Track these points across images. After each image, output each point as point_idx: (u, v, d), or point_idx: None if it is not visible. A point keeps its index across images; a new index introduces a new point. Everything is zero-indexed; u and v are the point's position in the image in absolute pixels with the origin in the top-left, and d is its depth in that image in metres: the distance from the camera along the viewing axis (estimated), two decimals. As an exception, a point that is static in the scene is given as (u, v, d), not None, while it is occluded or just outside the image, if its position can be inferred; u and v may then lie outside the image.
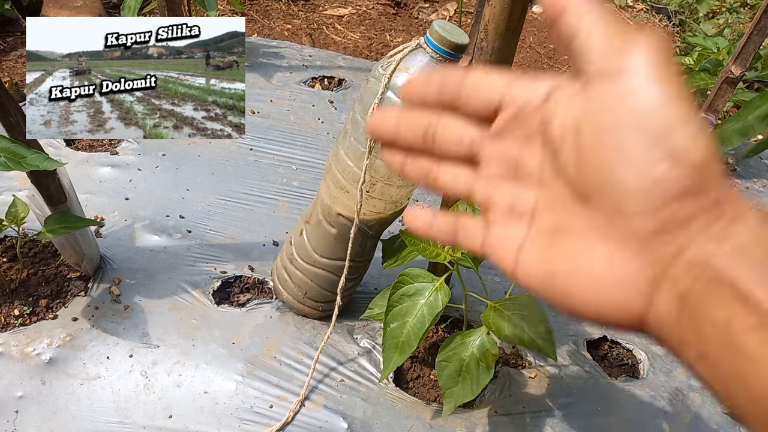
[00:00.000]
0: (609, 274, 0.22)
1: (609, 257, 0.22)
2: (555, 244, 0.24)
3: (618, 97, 0.21)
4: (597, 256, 0.22)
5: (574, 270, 0.23)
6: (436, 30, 0.67)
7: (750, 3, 2.41)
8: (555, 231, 0.25)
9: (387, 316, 0.77)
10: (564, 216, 0.24)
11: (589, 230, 0.23)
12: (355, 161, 0.76)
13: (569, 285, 0.23)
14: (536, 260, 0.25)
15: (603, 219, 0.22)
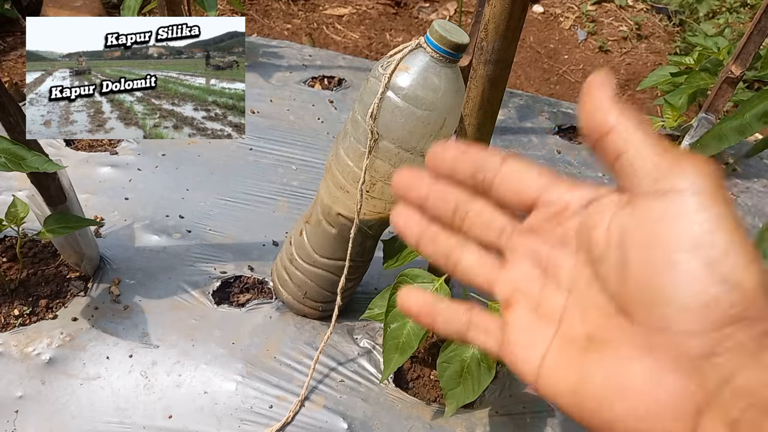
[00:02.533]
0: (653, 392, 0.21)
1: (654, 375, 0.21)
2: (588, 354, 0.23)
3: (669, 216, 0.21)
4: (639, 372, 0.21)
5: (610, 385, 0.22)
6: (436, 30, 0.66)
7: (750, 3, 2.41)
8: (588, 340, 0.23)
9: (387, 316, 0.77)
10: (599, 326, 0.23)
11: (630, 344, 0.22)
12: (355, 161, 0.76)
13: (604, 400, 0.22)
14: (563, 370, 0.24)
15: (647, 335, 0.21)
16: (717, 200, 0.21)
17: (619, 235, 0.23)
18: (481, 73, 0.72)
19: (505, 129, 1.59)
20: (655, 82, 1.58)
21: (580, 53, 2.23)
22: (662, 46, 2.30)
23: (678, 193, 0.21)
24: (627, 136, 0.23)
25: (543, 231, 0.26)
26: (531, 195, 0.26)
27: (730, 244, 0.20)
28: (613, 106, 0.23)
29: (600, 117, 0.23)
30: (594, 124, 0.23)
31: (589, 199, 0.25)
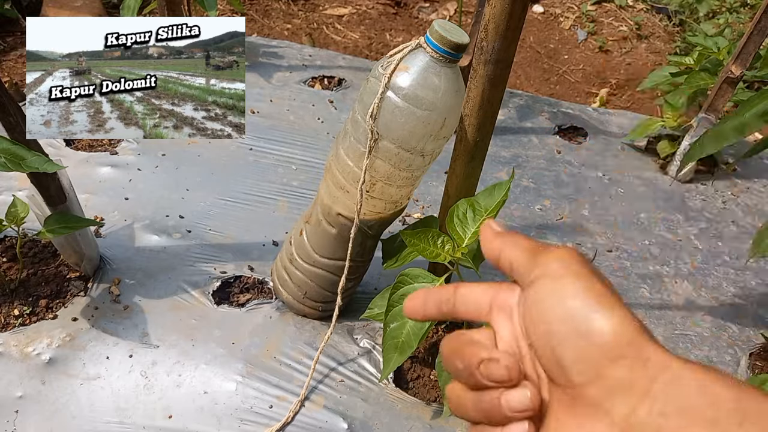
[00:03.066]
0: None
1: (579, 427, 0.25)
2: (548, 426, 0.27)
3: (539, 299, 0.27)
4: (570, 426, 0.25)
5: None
6: (436, 30, 0.66)
7: (750, 3, 2.41)
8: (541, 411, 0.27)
9: (387, 316, 0.77)
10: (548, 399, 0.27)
11: (559, 405, 0.26)
12: (355, 161, 0.76)
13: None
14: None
15: (564, 393, 0.26)
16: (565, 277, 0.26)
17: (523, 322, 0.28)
18: (481, 73, 0.72)
19: (505, 129, 1.59)
20: (655, 82, 1.58)
21: (580, 53, 2.23)
22: (662, 46, 2.30)
23: (538, 279, 0.27)
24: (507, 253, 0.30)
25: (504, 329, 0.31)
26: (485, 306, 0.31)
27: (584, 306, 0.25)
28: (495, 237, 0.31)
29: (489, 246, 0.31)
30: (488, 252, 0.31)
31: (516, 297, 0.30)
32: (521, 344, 0.29)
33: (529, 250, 0.29)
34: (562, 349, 0.25)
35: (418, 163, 0.76)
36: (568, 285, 0.26)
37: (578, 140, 1.62)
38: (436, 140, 0.73)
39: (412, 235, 0.78)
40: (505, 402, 0.26)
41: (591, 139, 1.62)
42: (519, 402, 0.26)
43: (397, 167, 0.75)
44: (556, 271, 0.27)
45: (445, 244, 0.77)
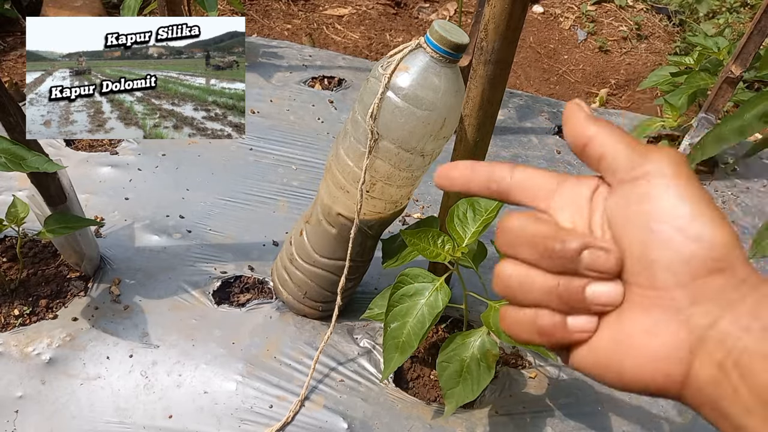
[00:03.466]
0: (652, 344, 0.24)
1: (649, 328, 0.24)
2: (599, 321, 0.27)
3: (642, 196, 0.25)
4: (638, 328, 0.25)
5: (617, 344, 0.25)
6: (436, 30, 0.66)
7: (750, 3, 2.41)
8: None
9: (387, 316, 0.77)
10: None
11: (629, 306, 0.25)
12: (355, 161, 0.76)
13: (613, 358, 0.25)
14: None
15: (642, 296, 0.25)
16: (680, 178, 0.25)
17: (608, 218, 0.27)
18: (481, 73, 0.72)
19: (505, 129, 1.59)
20: (654, 82, 1.58)
21: (580, 53, 2.23)
22: (662, 46, 2.30)
23: (646, 176, 0.26)
24: (603, 142, 0.28)
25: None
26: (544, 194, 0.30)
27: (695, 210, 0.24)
28: (589, 121, 0.28)
29: (581, 131, 0.28)
30: (577, 137, 0.29)
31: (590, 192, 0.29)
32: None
33: (631, 145, 0.27)
34: (660, 250, 0.24)
35: (418, 163, 0.76)
36: (681, 186, 0.25)
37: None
38: (436, 140, 0.73)
39: (413, 235, 0.78)
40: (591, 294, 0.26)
41: (591, 139, 1.62)
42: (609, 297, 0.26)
43: (397, 167, 0.75)
44: (669, 170, 0.25)
45: (445, 244, 0.77)
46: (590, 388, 0.94)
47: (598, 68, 2.17)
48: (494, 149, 1.49)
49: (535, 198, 0.30)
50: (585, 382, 0.95)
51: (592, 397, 0.93)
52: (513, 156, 1.50)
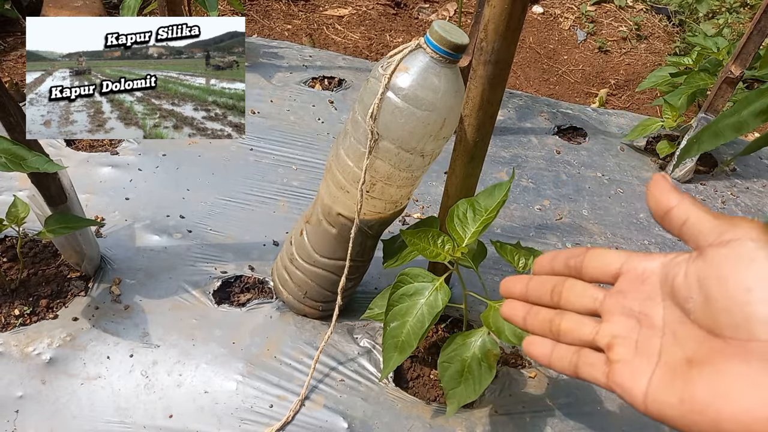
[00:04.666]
0: (752, 392, 0.26)
1: (751, 377, 0.26)
2: (690, 372, 0.29)
3: (735, 258, 0.28)
4: (737, 377, 0.27)
5: (715, 391, 0.27)
6: (436, 30, 0.67)
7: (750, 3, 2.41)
8: (688, 363, 0.29)
9: (387, 315, 0.77)
10: (697, 351, 0.29)
11: (726, 358, 0.28)
12: (355, 161, 0.76)
13: (710, 405, 0.27)
14: (669, 389, 0.30)
15: (738, 347, 0.27)
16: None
17: (697, 279, 0.30)
18: (480, 73, 0.72)
19: (505, 129, 1.59)
20: (654, 82, 1.58)
21: (579, 54, 2.23)
22: (662, 47, 2.31)
23: (737, 241, 0.28)
24: (687, 209, 0.31)
25: (630, 291, 0.34)
26: (614, 267, 0.35)
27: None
28: (672, 191, 0.32)
29: (666, 198, 0.33)
30: (660, 204, 0.33)
31: (665, 261, 0.32)
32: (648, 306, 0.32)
33: (713, 213, 0.31)
34: (758, 306, 0.26)
35: (418, 164, 0.76)
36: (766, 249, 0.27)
37: (578, 140, 1.63)
38: (436, 140, 0.73)
39: (413, 235, 0.78)
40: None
41: (590, 140, 1.62)
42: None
43: (397, 167, 0.75)
44: (757, 235, 0.28)
45: (445, 244, 0.77)
46: (590, 388, 0.95)
47: (597, 68, 2.17)
48: (494, 149, 1.50)
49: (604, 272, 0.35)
50: (584, 381, 0.95)
51: (591, 397, 0.93)
52: (513, 156, 1.50)
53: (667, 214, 0.32)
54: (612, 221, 1.34)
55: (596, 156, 1.56)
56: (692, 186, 1.51)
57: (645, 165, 1.56)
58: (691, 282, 0.30)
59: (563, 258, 0.38)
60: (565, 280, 0.38)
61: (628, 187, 1.47)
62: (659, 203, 0.33)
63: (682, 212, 0.32)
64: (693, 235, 0.31)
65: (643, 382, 0.31)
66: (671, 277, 0.31)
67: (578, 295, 0.37)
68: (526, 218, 1.31)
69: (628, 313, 0.33)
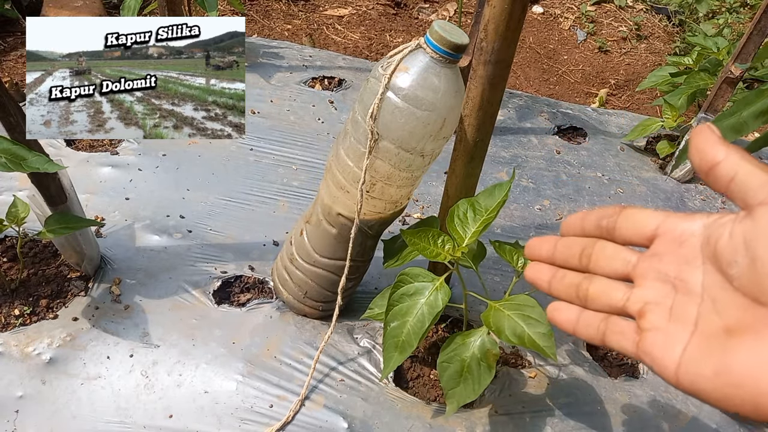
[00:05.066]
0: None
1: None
2: (729, 342, 0.27)
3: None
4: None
5: (755, 362, 0.25)
6: (436, 30, 0.67)
7: (750, 3, 2.41)
8: (727, 332, 0.27)
9: (387, 315, 0.77)
10: (738, 318, 0.27)
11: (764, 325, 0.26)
12: (356, 161, 0.76)
13: (749, 377, 0.25)
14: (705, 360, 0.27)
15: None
16: None
17: (744, 240, 0.27)
18: (480, 73, 0.72)
19: (505, 129, 1.59)
20: (654, 82, 1.58)
21: (579, 54, 2.23)
22: (662, 47, 2.31)
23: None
24: (735, 164, 0.28)
25: (667, 255, 0.31)
26: (650, 228, 0.32)
27: None
28: (720, 142, 0.29)
29: (711, 152, 0.29)
30: (705, 157, 0.29)
31: (705, 221, 0.30)
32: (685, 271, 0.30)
33: (765, 169, 0.27)
34: None
35: (418, 164, 0.76)
36: None
37: (578, 140, 1.63)
38: (436, 140, 0.73)
39: (413, 234, 0.78)
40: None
41: (590, 140, 1.62)
42: None
43: (397, 167, 0.75)
44: None
45: (445, 244, 0.77)
46: (590, 387, 0.95)
47: (597, 68, 2.17)
48: (494, 149, 1.50)
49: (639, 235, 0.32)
50: (585, 381, 0.95)
51: (591, 396, 0.93)
52: (513, 156, 1.50)
53: (713, 170, 0.29)
54: (612, 221, 1.34)
55: (596, 156, 1.56)
56: (692, 186, 1.51)
57: (645, 165, 1.56)
58: (737, 244, 0.27)
59: (595, 218, 0.34)
60: (596, 242, 0.35)
61: (628, 187, 1.47)
62: (704, 157, 0.29)
63: (729, 167, 0.28)
64: (741, 192, 0.28)
65: (676, 352, 0.29)
66: (714, 239, 0.28)
67: (609, 258, 0.34)
68: (526, 218, 1.31)
69: (664, 278, 0.31)
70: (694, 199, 1.46)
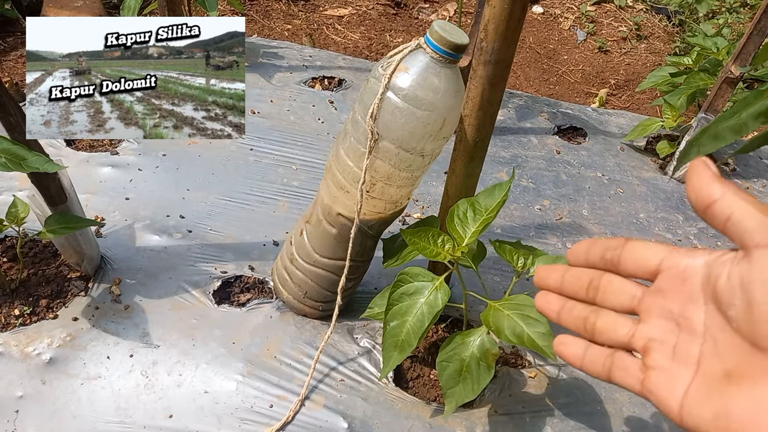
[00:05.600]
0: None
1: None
2: (729, 387, 0.27)
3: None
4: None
5: (755, 409, 0.25)
6: (436, 30, 0.67)
7: (750, 3, 2.41)
8: (727, 376, 0.27)
9: (387, 314, 0.77)
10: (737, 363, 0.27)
11: (766, 374, 0.26)
12: (355, 161, 0.76)
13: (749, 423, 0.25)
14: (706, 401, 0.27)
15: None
16: None
17: (741, 283, 0.27)
18: (480, 73, 0.72)
19: (505, 129, 1.59)
20: (654, 82, 1.58)
21: (579, 54, 2.23)
22: (662, 47, 2.31)
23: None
24: (731, 203, 0.28)
25: (670, 291, 0.31)
26: (654, 263, 0.32)
27: None
28: (715, 180, 0.29)
29: (706, 190, 0.29)
30: (702, 196, 0.29)
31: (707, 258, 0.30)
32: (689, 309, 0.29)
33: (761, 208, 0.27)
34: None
35: (418, 164, 0.76)
36: None
37: (578, 140, 1.63)
38: (436, 140, 0.73)
39: (413, 234, 0.78)
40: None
41: (590, 140, 1.62)
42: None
43: (397, 167, 0.75)
44: None
45: (445, 243, 0.78)
46: (590, 388, 0.95)
47: (597, 68, 2.17)
48: (494, 149, 1.50)
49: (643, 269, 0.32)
50: (585, 381, 0.95)
51: (591, 396, 0.93)
52: (513, 156, 1.50)
53: (709, 209, 0.29)
54: (612, 221, 1.34)
55: (596, 156, 1.56)
56: (692, 186, 1.51)
57: (645, 165, 1.56)
58: (735, 285, 0.27)
59: (600, 249, 0.35)
60: (603, 274, 0.35)
61: (628, 187, 1.47)
62: (700, 196, 0.29)
63: (725, 206, 0.28)
64: (738, 233, 0.27)
65: (679, 392, 0.29)
66: (714, 278, 0.28)
67: (615, 292, 0.34)
68: (526, 218, 1.31)
69: (668, 315, 0.31)
70: (694, 199, 1.46)
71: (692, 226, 1.37)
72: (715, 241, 1.33)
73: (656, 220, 1.37)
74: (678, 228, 1.36)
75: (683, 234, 1.34)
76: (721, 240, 1.34)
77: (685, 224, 1.37)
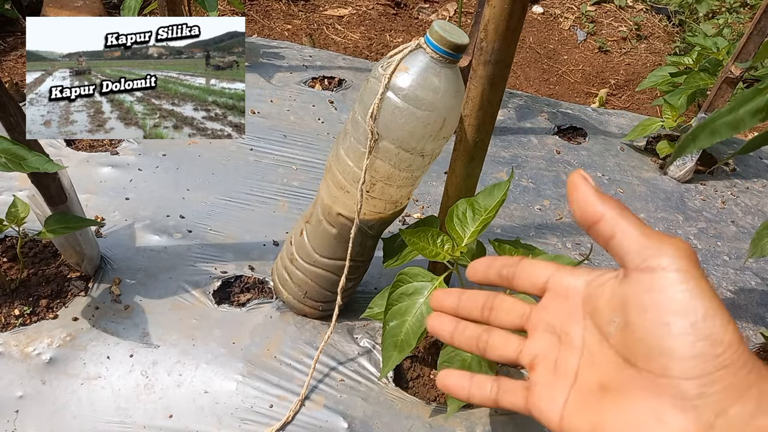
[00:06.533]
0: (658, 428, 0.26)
1: (658, 413, 0.26)
2: (602, 400, 0.28)
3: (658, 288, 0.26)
4: (646, 412, 0.26)
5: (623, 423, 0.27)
6: (436, 30, 0.67)
7: (750, 3, 2.41)
8: (601, 389, 0.28)
9: (386, 314, 0.77)
10: (610, 377, 0.28)
11: (637, 389, 0.27)
12: (355, 161, 0.76)
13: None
14: (582, 415, 0.29)
15: (650, 381, 0.26)
16: (694, 275, 0.26)
17: (621, 303, 0.28)
18: (480, 73, 0.72)
19: (505, 129, 1.59)
20: (654, 82, 1.58)
21: (579, 54, 2.23)
22: (662, 47, 2.31)
23: (662, 269, 0.27)
24: (613, 223, 0.29)
25: (553, 307, 0.32)
26: (542, 280, 0.33)
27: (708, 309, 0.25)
28: (597, 199, 0.29)
29: (590, 209, 0.29)
30: (585, 214, 0.30)
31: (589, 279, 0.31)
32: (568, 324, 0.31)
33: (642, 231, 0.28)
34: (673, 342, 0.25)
35: (418, 164, 0.76)
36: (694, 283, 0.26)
37: (578, 140, 1.63)
38: (436, 141, 0.73)
39: (412, 234, 0.78)
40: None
41: (590, 140, 1.62)
42: None
43: (397, 167, 0.75)
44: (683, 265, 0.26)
45: (444, 244, 0.78)
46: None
47: (597, 68, 2.17)
48: (494, 149, 1.50)
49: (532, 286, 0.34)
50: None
51: (591, 396, 0.93)
52: (513, 156, 1.50)
53: (593, 227, 0.29)
54: (612, 221, 1.34)
55: (596, 156, 1.56)
56: (692, 186, 1.51)
57: (645, 165, 1.56)
58: (615, 304, 0.28)
59: (498, 266, 0.36)
60: (496, 295, 0.37)
61: (628, 187, 1.47)
62: (584, 213, 0.30)
63: (608, 226, 0.29)
64: (620, 254, 0.28)
65: (559, 404, 0.30)
66: (595, 297, 0.30)
67: (507, 311, 0.35)
68: (526, 218, 1.31)
69: (551, 330, 0.32)
70: (694, 199, 1.46)
71: (692, 227, 1.37)
72: (716, 242, 1.33)
73: (656, 220, 1.37)
74: (678, 228, 1.36)
75: (683, 234, 1.34)
76: (721, 240, 1.34)
77: (685, 224, 1.37)
